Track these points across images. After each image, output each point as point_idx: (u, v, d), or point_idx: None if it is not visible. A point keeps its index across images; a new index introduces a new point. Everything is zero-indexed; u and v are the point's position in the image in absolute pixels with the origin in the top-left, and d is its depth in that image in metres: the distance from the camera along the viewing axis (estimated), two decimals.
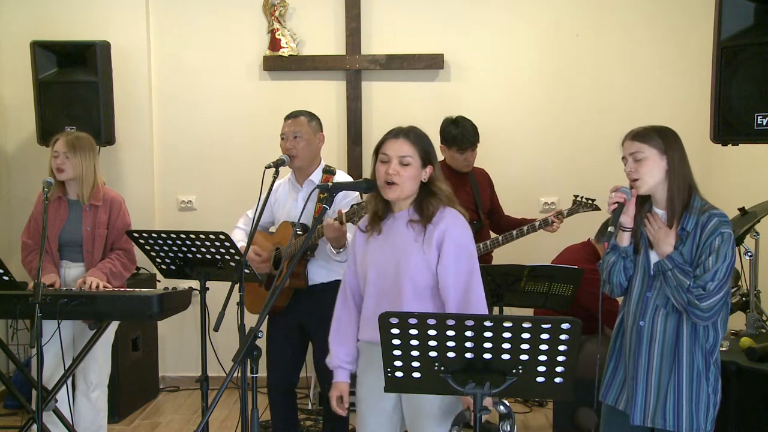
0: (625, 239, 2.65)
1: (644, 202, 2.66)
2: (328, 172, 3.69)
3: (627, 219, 2.62)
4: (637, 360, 2.62)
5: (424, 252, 2.56)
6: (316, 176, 3.67)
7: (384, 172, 2.59)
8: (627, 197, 2.60)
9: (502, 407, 2.27)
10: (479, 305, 2.54)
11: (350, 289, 2.77)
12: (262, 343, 2.36)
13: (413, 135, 2.63)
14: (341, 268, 3.62)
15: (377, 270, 2.65)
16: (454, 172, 4.27)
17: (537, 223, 4.10)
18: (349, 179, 3.73)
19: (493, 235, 4.34)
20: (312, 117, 3.70)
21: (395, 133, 2.64)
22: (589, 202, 4.03)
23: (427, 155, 2.62)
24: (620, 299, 2.83)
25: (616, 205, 2.60)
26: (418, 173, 2.61)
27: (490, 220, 4.44)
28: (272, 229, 3.81)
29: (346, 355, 2.76)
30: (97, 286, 3.55)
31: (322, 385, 3.81)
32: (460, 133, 4.19)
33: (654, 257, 2.62)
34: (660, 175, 2.58)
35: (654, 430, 2.65)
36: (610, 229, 2.59)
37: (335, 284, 3.59)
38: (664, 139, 2.59)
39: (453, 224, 2.58)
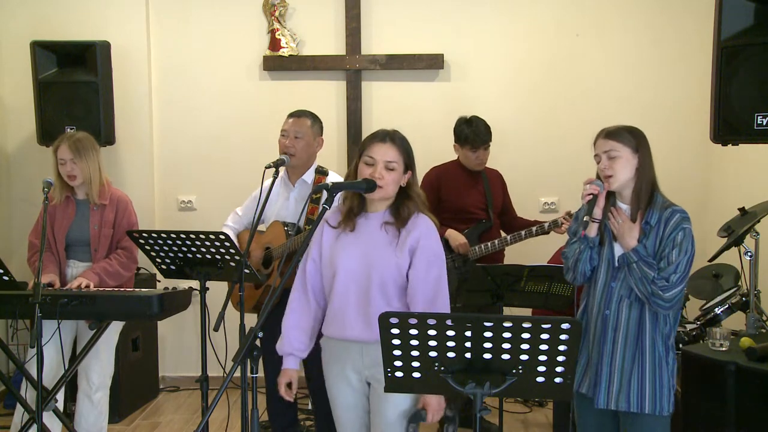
0: (593, 230, 2.75)
1: (609, 197, 2.77)
2: (321, 172, 3.71)
3: (597, 211, 2.74)
4: (602, 347, 2.74)
5: (396, 255, 2.62)
6: (309, 176, 3.70)
7: (369, 175, 2.63)
8: (600, 189, 2.71)
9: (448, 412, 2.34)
10: (443, 311, 2.62)
11: (311, 283, 2.76)
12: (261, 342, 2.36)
13: (398, 140, 2.68)
14: None
15: (346, 268, 2.67)
16: (467, 170, 4.36)
17: (547, 224, 4.14)
18: (341, 179, 3.74)
19: (503, 235, 4.37)
20: (315, 120, 3.72)
21: (382, 137, 2.68)
22: None
23: (409, 160, 2.69)
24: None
25: (591, 196, 2.71)
26: (400, 178, 2.67)
27: (501, 220, 4.50)
28: (260, 228, 3.81)
29: (300, 344, 2.76)
30: (87, 286, 3.55)
31: (309, 385, 3.79)
32: (473, 132, 4.27)
33: (618, 250, 2.74)
34: (631, 173, 2.71)
35: (618, 412, 2.75)
36: (585, 218, 2.71)
37: None
38: (636, 138, 2.73)
39: (427, 233, 2.65)
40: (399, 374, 2.13)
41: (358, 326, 2.62)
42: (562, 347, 2.00)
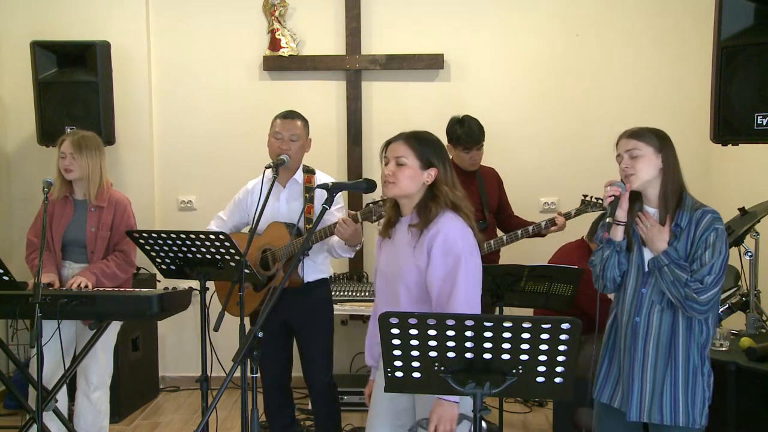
0: (618, 233, 2.69)
1: (635, 201, 2.71)
2: (309, 171, 3.74)
3: (621, 213, 2.68)
4: (633, 356, 2.66)
5: (415, 257, 2.59)
6: (299, 176, 3.72)
7: (385, 174, 2.65)
8: (622, 191, 2.66)
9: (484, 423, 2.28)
10: (460, 310, 2.48)
11: None
12: None
13: (413, 138, 2.66)
14: (327, 267, 3.69)
15: (380, 275, 2.73)
16: (460, 171, 4.30)
17: (543, 223, 4.13)
18: (329, 178, 3.75)
19: (499, 234, 4.36)
20: (305, 121, 3.75)
21: (396, 137, 2.69)
22: (599, 201, 4.05)
23: (425, 157, 2.62)
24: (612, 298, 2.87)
25: (613, 198, 2.66)
26: (416, 174, 2.61)
27: (497, 219, 4.47)
28: (245, 230, 3.81)
29: (379, 354, 2.75)
30: (87, 286, 3.55)
31: (308, 385, 3.80)
32: (465, 132, 4.23)
33: (647, 254, 2.67)
34: (654, 173, 2.64)
35: (648, 425, 2.68)
36: (608, 219, 2.64)
37: (321, 282, 3.69)
38: (659, 138, 2.67)
39: (443, 228, 2.56)
40: (399, 374, 2.13)
41: None
42: (562, 347, 1.99)
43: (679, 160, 2.67)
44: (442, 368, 2.08)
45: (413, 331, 2.04)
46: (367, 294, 4.79)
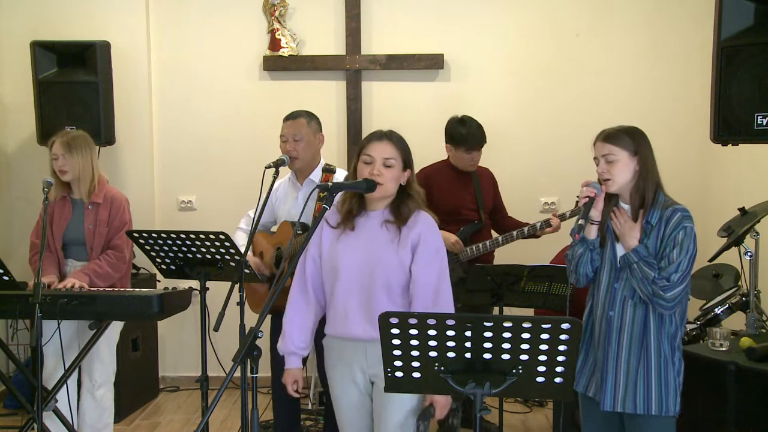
0: (592, 232, 2.75)
1: (611, 197, 2.76)
2: (328, 170, 3.70)
3: (595, 213, 2.73)
4: (607, 348, 2.73)
5: (398, 253, 2.63)
6: (316, 175, 3.69)
7: (368, 173, 2.65)
8: (597, 192, 2.70)
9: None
10: (447, 305, 2.64)
11: (311, 281, 2.77)
12: (262, 342, 2.36)
13: (396, 139, 2.72)
14: None
15: (349, 267, 2.68)
16: (457, 171, 4.29)
17: (538, 224, 4.12)
18: None
19: (494, 235, 4.35)
20: (311, 117, 3.71)
21: (379, 136, 2.72)
22: None
23: (407, 158, 2.71)
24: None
25: (587, 199, 2.70)
26: (399, 175, 2.69)
27: (492, 219, 4.45)
28: (273, 229, 3.82)
29: (302, 342, 2.77)
30: (81, 287, 3.54)
31: (323, 385, 3.80)
32: (468, 133, 4.19)
33: (620, 250, 2.73)
34: (630, 176, 2.70)
35: (623, 414, 2.74)
36: (580, 222, 2.72)
37: None
38: (634, 140, 2.70)
39: (428, 229, 2.68)
40: (399, 374, 2.13)
41: (361, 325, 2.63)
42: (562, 347, 2.00)
43: (655, 158, 2.71)
44: (442, 368, 2.08)
45: (413, 331, 2.04)
46: None
